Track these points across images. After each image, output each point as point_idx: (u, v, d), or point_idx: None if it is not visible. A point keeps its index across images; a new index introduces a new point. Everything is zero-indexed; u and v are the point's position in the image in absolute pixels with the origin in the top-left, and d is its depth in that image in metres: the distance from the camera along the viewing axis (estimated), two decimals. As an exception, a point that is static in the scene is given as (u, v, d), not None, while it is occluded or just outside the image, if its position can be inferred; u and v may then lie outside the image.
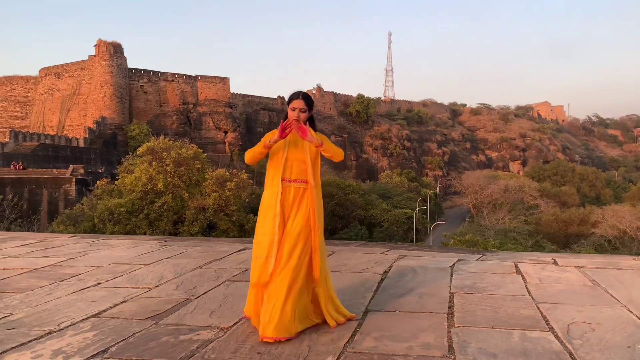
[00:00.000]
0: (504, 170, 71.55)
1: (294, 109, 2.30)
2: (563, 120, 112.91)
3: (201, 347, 2.06)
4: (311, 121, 2.38)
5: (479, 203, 45.37)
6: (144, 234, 16.41)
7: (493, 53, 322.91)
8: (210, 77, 55.98)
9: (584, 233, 29.59)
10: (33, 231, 16.63)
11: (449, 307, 2.52)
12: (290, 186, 2.28)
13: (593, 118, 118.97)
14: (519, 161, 78.48)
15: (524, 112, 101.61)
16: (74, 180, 29.07)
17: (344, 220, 30.88)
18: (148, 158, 19.87)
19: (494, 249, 18.62)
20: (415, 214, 33.12)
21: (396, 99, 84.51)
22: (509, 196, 43.17)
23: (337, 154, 2.36)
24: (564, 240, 30.49)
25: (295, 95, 2.32)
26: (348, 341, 2.08)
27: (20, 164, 31.86)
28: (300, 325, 2.19)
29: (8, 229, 13.50)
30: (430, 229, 34.34)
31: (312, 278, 2.27)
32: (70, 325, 2.36)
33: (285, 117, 2.33)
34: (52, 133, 46.69)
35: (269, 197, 2.30)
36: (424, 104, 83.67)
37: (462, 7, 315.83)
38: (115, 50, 49.87)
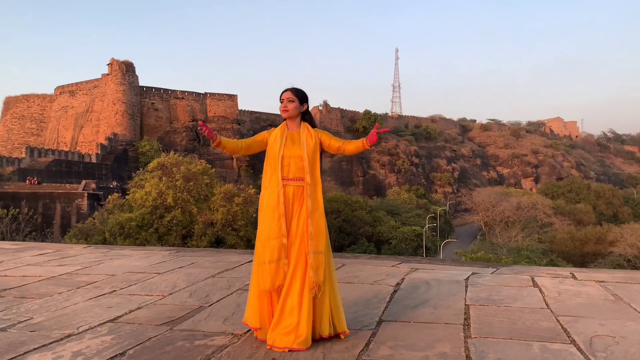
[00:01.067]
0: (516, 187, 70.37)
1: (282, 101, 2.32)
2: (576, 136, 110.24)
3: (216, 352, 2.07)
4: (307, 115, 2.36)
5: (491, 221, 44.51)
6: (153, 247, 16.47)
7: (503, 68, 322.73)
8: (218, 94, 57.08)
9: (602, 252, 28.65)
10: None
11: (465, 319, 2.48)
12: (288, 185, 2.20)
13: (608, 134, 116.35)
14: (532, 178, 76.99)
15: (535, 127, 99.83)
16: (86, 195, 29.63)
17: (351, 237, 30.52)
18: (158, 173, 20.18)
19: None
20: (425, 231, 32.60)
21: (404, 114, 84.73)
22: (522, 214, 42.30)
23: (358, 147, 2.31)
24: (580, 259, 29.54)
25: (284, 90, 2.34)
26: (363, 349, 2.06)
27: (35, 179, 32.60)
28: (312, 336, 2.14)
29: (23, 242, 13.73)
30: (440, 246, 33.67)
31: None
32: (88, 329, 2.40)
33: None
34: (65, 149, 47.92)
35: (269, 197, 2.20)
36: (433, 119, 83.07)
37: (470, 22, 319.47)
38: (128, 69, 51.22)
